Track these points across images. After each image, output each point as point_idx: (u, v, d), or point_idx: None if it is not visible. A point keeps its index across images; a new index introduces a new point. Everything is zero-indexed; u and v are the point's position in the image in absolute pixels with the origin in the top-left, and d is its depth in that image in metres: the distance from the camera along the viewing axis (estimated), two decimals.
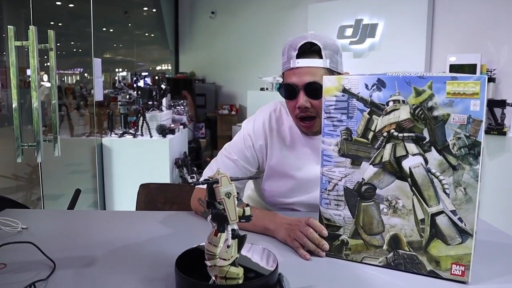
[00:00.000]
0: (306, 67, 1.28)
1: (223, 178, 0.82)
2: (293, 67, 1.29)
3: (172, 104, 5.33)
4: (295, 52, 1.29)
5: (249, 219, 0.86)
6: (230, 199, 0.81)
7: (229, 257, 0.84)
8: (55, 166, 3.59)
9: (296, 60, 1.29)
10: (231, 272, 0.84)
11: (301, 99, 1.30)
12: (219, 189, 0.82)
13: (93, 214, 1.74)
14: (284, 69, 1.34)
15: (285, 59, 1.32)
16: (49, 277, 0.94)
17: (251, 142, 1.42)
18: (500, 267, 1.02)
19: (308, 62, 1.29)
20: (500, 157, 3.74)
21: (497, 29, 4.19)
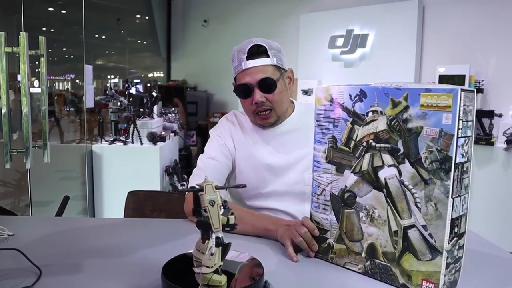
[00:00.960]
0: (257, 66, 1.43)
1: (208, 186, 0.83)
2: (245, 68, 1.43)
3: (163, 112, 5.33)
4: (245, 55, 1.43)
5: (233, 227, 0.87)
6: (214, 207, 0.82)
7: (213, 264, 0.84)
8: (44, 173, 3.57)
9: (247, 62, 1.43)
10: (214, 279, 0.84)
11: (257, 95, 1.44)
12: (203, 197, 0.82)
13: (81, 222, 1.74)
14: (236, 72, 1.47)
15: (236, 63, 1.46)
16: (35, 284, 0.94)
17: (222, 141, 1.56)
18: (488, 278, 1.03)
19: (258, 61, 1.44)
20: (488, 167, 3.79)
21: (486, 40, 4.26)
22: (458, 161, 0.87)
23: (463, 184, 0.90)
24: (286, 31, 5.74)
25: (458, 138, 0.86)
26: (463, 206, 0.91)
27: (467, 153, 0.90)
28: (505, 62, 4.15)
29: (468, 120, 0.88)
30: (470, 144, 0.90)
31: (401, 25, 4.69)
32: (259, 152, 1.53)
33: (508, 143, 3.66)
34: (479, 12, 4.29)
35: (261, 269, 0.92)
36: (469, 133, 0.89)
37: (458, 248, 0.92)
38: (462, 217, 0.92)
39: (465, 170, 0.90)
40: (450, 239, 0.89)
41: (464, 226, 0.93)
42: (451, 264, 0.91)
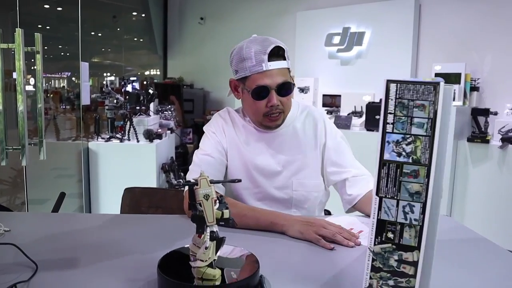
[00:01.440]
0: (277, 69, 1.41)
1: (202, 180, 0.83)
2: (266, 70, 1.39)
3: (159, 109, 5.32)
4: (266, 56, 1.39)
5: (228, 221, 0.87)
6: (208, 201, 0.83)
7: (207, 258, 0.85)
8: (40, 170, 3.56)
9: (268, 63, 1.39)
10: (207, 273, 0.85)
11: (274, 98, 1.42)
12: (197, 191, 0.83)
13: (77, 217, 1.73)
14: (253, 72, 1.41)
15: (254, 62, 1.40)
16: (31, 279, 0.94)
17: (217, 138, 1.54)
18: (485, 275, 1.04)
19: (278, 64, 1.42)
20: (483, 164, 3.80)
21: (482, 39, 4.27)
22: (389, 159, 0.81)
23: (405, 187, 0.81)
24: (283, 29, 5.73)
25: (387, 133, 0.81)
26: (405, 213, 0.82)
27: (414, 155, 0.80)
28: (501, 61, 4.16)
29: (411, 116, 0.80)
30: (424, 146, 0.80)
31: (398, 23, 4.70)
32: (249, 152, 1.53)
33: (503, 141, 3.67)
34: (475, 11, 4.30)
35: (257, 264, 0.93)
36: (417, 131, 0.80)
37: (398, 260, 0.84)
38: (405, 226, 0.82)
39: (408, 173, 0.81)
40: (378, 240, 0.84)
41: (413, 240, 0.82)
42: (382, 272, 0.85)
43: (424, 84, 0.79)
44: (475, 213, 3.84)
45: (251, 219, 1.33)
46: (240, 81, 1.47)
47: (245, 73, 1.43)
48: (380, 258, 0.85)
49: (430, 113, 0.79)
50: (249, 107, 1.50)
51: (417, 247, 0.82)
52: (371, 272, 0.86)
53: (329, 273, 1.03)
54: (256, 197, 1.53)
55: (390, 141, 0.81)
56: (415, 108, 0.80)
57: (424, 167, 0.80)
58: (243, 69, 1.43)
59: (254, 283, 0.89)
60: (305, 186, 1.53)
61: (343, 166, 1.54)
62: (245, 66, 1.42)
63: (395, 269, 0.84)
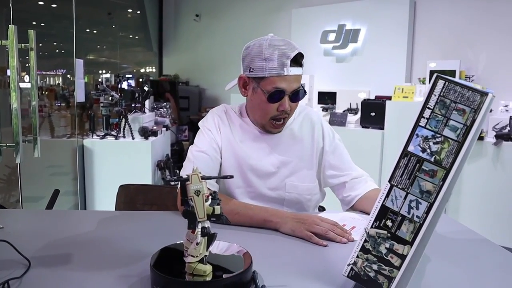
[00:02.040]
0: (295, 75, 1.41)
1: (194, 176, 0.83)
2: (286, 75, 1.38)
3: (155, 107, 5.31)
4: (289, 60, 1.38)
5: (219, 218, 0.87)
6: (199, 197, 0.83)
7: (198, 254, 0.85)
8: (35, 168, 3.55)
9: (290, 68, 1.38)
10: (198, 269, 0.85)
11: (286, 103, 1.42)
12: (189, 186, 0.83)
13: (71, 214, 1.73)
14: (273, 74, 1.39)
15: (276, 64, 1.38)
16: (24, 275, 0.94)
17: (212, 135, 1.53)
18: (479, 272, 1.05)
19: (297, 70, 1.42)
20: (478, 161, 3.82)
21: (476, 37, 4.29)
22: (412, 151, 0.82)
23: (418, 183, 0.82)
24: (278, 26, 5.74)
25: (419, 126, 0.81)
26: (410, 208, 0.83)
27: (438, 155, 0.80)
28: (495, 58, 4.18)
29: (448, 117, 0.79)
30: (450, 150, 0.79)
31: (393, 21, 4.71)
32: (243, 152, 1.52)
33: (497, 138, 3.69)
34: (470, 8, 4.31)
35: (250, 259, 0.93)
36: (449, 134, 0.79)
37: (389, 248, 0.85)
38: (406, 220, 0.83)
39: (426, 170, 0.81)
40: (376, 224, 0.86)
41: (408, 235, 0.83)
42: (370, 254, 0.87)
43: (472, 90, 0.78)
44: (470, 209, 3.86)
45: (245, 216, 1.34)
46: (254, 80, 1.44)
47: (263, 73, 1.40)
48: (372, 241, 0.87)
49: (468, 120, 0.78)
50: (258, 107, 1.48)
51: (410, 242, 0.83)
52: (360, 251, 0.88)
53: (321, 268, 1.03)
54: (249, 196, 1.52)
55: (419, 135, 0.82)
56: (455, 111, 0.79)
57: (444, 170, 0.80)
58: (262, 69, 1.40)
59: (247, 279, 0.89)
60: (298, 188, 1.53)
61: (342, 169, 1.55)
62: (265, 67, 1.39)
63: (382, 256, 0.86)
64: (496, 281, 1.01)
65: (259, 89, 1.43)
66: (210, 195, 0.91)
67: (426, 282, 0.97)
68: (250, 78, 1.46)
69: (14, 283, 0.90)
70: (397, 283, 0.84)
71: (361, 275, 0.89)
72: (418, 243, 0.82)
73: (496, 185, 3.70)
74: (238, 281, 0.87)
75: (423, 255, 1.10)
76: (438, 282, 0.98)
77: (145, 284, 0.91)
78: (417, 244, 0.82)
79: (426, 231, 0.82)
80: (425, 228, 0.81)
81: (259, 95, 1.43)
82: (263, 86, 1.41)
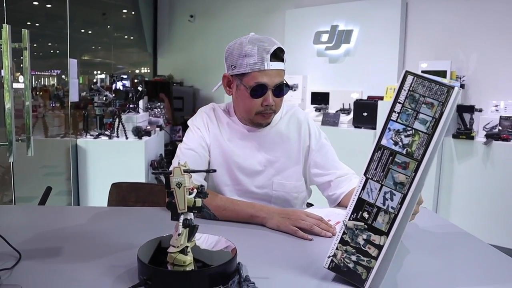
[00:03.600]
0: (276, 70, 1.43)
1: (176, 169, 0.87)
2: (267, 69, 1.41)
3: (149, 107, 5.33)
4: (269, 55, 1.40)
5: (200, 210, 0.90)
6: (181, 189, 0.86)
7: (179, 244, 0.88)
8: (28, 167, 3.56)
9: (270, 63, 1.40)
10: (178, 259, 0.88)
11: (270, 98, 1.44)
12: (171, 179, 0.86)
13: (62, 210, 1.75)
14: (254, 69, 1.41)
15: (256, 60, 1.40)
16: (14, 267, 0.96)
17: (201, 133, 1.55)
18: (468, 270, 1.07)
19: (278, 65, 1.44)
20: (468, 160, 3.87)
21: (467, 37, 4.33)
22: (385, 145, 0.86)
23: (391, 175, 0.86)
24: (272, 27, 5.77)
25: (391, 120, 0.85)
26: (385, 199, 0.87)
27: (409, 148, 0.84)
28: (486, 59, 4.23)
29: (418, 111, 0.84)
30: (421, 142, 0.83)
31: (385, 21, 4.75)
32: (231, 150, 1.54)
33: (488, 138, 3.74)
34: (460, 9, 4.36)
35: (235, 251, 0.96)
36: (419, 127, 0.83)
37: (366, 239, 0.88)
38: (381, 211, 0.87)
39: (398, 163, 0.85)
40: (353, 216, 0.89)
41: (384, 226, 0.87)
42: (348, 246, 0.91)
43: (439, 84, 0.82)
44: (461, 208, 3.90)
45: (232, 212, 1.37)
46: (237, 77, 1.48)
47: (244, 69, 1.43)
48: (350, 233, 0.90)
49: (436, 113, 0.82)
50: (243, 104, 1.50)
51: (386, 232, 0.86)
52: (339, 243, 0.91)
53: (305, 261, 1.06)
54: (236, 193, 1.55)
55: (391, 129, 0.85)
56: (424, 105, 0.83)
57: (415, 161, 0.84)
58: (243, 66, 1.43)
59: (231, 269, 0.92)
60: (285, 187, 1.55)
61: (326, 168, 1.57)
62: (246, 63, 1.42)
63: (360, 247, 0.89)
64: (472, 270, 1.05)
65: (242, 86, 1.45)
66: (197, 189, 0.94)
67: (404, 272, 1.00)
68: (233, 76, 1.49)
69: (5, 274, 0.92)
70: (375, 273, 0.88)
71: (341, 267, 0.92)
72: (394, 233, 0.85)
73: (486, 184, 3.75)
74: (222, 271, 0.90)
75: (402, 247, 1.14)
76: (416, 272, 1.02)
77: (132, 274, 0.93)
78: (393, 234, 0.86)
79: (401, 221, 0.85)
80: (399, 218, 0.85)
81: (242, 91, 1.46)
82: (245, 82, 1.44)
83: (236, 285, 0.88)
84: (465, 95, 4.34)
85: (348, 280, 0.92)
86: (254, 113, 1.48)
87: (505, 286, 0.96)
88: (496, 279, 1.00)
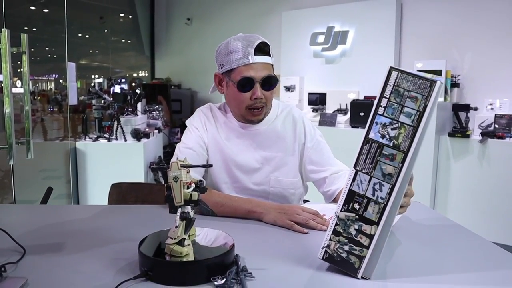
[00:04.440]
0: (262, 63, 1.47)
1: (173, 164, 0.90)
2: (252, 63, 1.45)
3: (147, 109, 5.36)
4: (253, 49, 1.45)
5: (196, 203, 0.93)
6: (177, 183, 0.89)
7: (176, 236, 0.91)
8: (28, 170, 3.58)
9: (255, 57, 1.45)
10: (175, 250, 0.91)
11: (258, 91, 1.48)
12: (168, 173, 0.90)
13: (64, 208, 1.79)
14: (239, 64, 1.46)
15: (240, 55, 1.46)
16: (19, 261, 0.99)
17: (198, 133, 1.59)
18: (457, 258, 1.10)
19: (264, 59, 1.48)
20: (464, 158, 3.90)
21: (462, 37, 4.37)
22: (373, 138, 0.90)
23: (380, 167, 0.90)
24: (268, 29, 5.81)
25: (377, 115, 0.89)
26: (374, 190, 0.90)
27: (396, 140, 0.88)
28: (480, 58, 4.27)
29: (403, 105, 0.87)
30: (407, 134, 0.87)
31: (380, 22, 4.79)
32: (229, 149, 1.57)
33: (483, 136, 3.77)
34: (455, 9, 4.41)
35: (232, 243, 0.99)
36: (405, 120, 0.87)
37: (357, 229, 0.92)
38: (371, 202, 0.91)
39: (386, 155, 0.89)
40: (345, 208, 0.93)
41: (374, 216, 0.90)
42: (341, 236, 0.94)
43: (422, 79, 0.87)
44: (457, 205, 3.94)
45: (229, 208, 1.41)
46: (225, 75, 1.52)
47: (231, 65, 1.48)
48: (342, 224, 0.94)
49: (420, 106, 0.87)
50: (233, 100, 1.54)
51: (377, 222, 0.90)
52: (332, 234, 0.95)
53: (301, 253, 1.10)
54: (235, 190, 1.59)
55: (378, 123, 0.90)
56: (409, 99, 0.88)
57: (402, 153, 0.88)
58: (229, 62, 1.48)
59: (229, 261, 0.96)
60: (282, 183, 1.59)
61: (322, 165, 1.61)
62: (231, 59, 1.47)
63: (352, 237, 0.93)
64: (461, 259, 1.08)
65: (230, 82, 1.50)
66: (195, 184, 0.98)
67: (395, 262, 1.04)
68: (223, 74, 1.54)
69: (10, 268, 0.95)
70: (367, 261, 0.91)
71: (335, 257, 0.95)
72: (384, 222, 0.89)
73: (482, 182, 3.78)
74: (221, 262, 0.93)
75: (394, 239, 1.18)
76: (407, 261, 1.06)
77: (134, 267, 0.97)
78: (383, 224, 0.90)
79: (390, 211, 0.89)
80: (389, 208, 0.89)
81: (231, 87, 1.51)
82: (233, 78, 1.49)
83: (234, 275, 0.91)
84: (461, 94, 4.38)
85: (342, 270, 0.95)
86: (245, 108, 1.51)
87: (493, 274, 1.00)
88: (484, 267, 1.03)
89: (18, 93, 3.23)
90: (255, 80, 1.46)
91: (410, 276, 0.96)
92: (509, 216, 3.63)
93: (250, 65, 1.45)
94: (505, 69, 4.11)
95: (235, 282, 0.90)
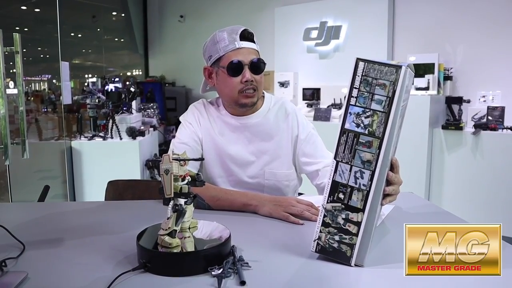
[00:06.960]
0: (248, 48, 1.52)
1: (165, 157, 0.92)
2: (239, 47, 1.50)
3: (142, 107, 5.36)
4: (238, 36, 1.50)
5: (187, 196, 0.95)
6: (168, 175, 0.91)
7: (167, 227, 0.93)
8: (24, 170, 3.58)
9: (241, 42, 1.50)
10: (165, 241, 0.93)
11: (247, 73, 1.51)
12: (160, 166, 0.92)
13: (62, 205, 1.80)
14: (226, 50, 1.50)
15: (227, 42, 1.50)
16: (19, 256, 1.01)
17: (192, 128, 1.61)
18: None
19: (250, 45, 1.53)
20: (458, 151, 3.94)
21: (454, 30, 4.40)
22: (349, 128, 0.93)
23: (358, 155, 0.92)
24: (261, 25, 5.81)
25: (350, 105, 0.92)
26: (356, 178, 0.93)
27: (370, 127, 0.91)
28: (472, 51, 4.30)
29: (372, 93, 0.91)
30: (380, 120, 0.90)
31: (373, 16, 4.81)
32: (223, 143, 1.60)
33: (476, 128, 3.81)
34: (447, 3, 4.43)
35: (229, 234, 1.01)
36: (376, 107, 0.90)
37: (345, 218, 0.95)
38: (354, 190, 0.93)
39: (363, 143, 0.92)
40: (331, 199, 0.96)
41: (359, 203, 0.93)
42: (330, 227, 0.96)
43: (388, 66, 0.90)
44: (452, 197, 3.98)
45: (225, 201, 1.43)
46: (214, 65, 1.56)
47: (218, 53, 1.51)
48: (330, 215, 0.96)
49: (389, 92, 0.90)
50: (225, 87, 1.56)
51: (362, 209, 0.93)
52: (322, 226, 0.98)
53: (297, 244, 1.11)
54: (230, 184, 1.61)
55: (352, 113, 0.92)
56: (377, 86, 0.91)
57: (377, 139, 0.91)
58: (217, 51, 1.52)
59: (226, 251, 0.98)
60: (276, 175, 1.61)
61: (315, 157, 1.62)
62: (218, 48, 1.51)
63: (341, 226, 0.96)
64: None
65: (220, 70, 1.53)
66: (192, 177, 1.00)
67: (386, 248, 1.07)
68: (212, 66, 1.57)
69: (11, 263, 0.97)
70: (358, 248, 0.94)
71: (327, 248, 0.98)
72: (369, 208, 0.93)
73: (476, 173, 3.82)
74: (218, 252, 0.95)
75: (384, 227, 1.20)
76: (397, 248, 1.06)
77: (132, 260, 0.98)
78: (368, 210, 0.93)
79: (373, 197, 0.92)
80: (372, 194, 0.92)
81: (221, 75, 1.54)
82: (222, 65, 1.52)
83: (231, 265, 0.93)
84: (454, 87, 4.41)
85: (335, 260, 0.97)
86: (237, 93, 1.53)
87: None
88: None
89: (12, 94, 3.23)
90: (243, 63, 1.50)
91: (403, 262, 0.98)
92: (502, 206, 3.68)
93: (237, 50, 1.50)
94: (497, 62, 4.14)
95: (232, 272, 0.92)
